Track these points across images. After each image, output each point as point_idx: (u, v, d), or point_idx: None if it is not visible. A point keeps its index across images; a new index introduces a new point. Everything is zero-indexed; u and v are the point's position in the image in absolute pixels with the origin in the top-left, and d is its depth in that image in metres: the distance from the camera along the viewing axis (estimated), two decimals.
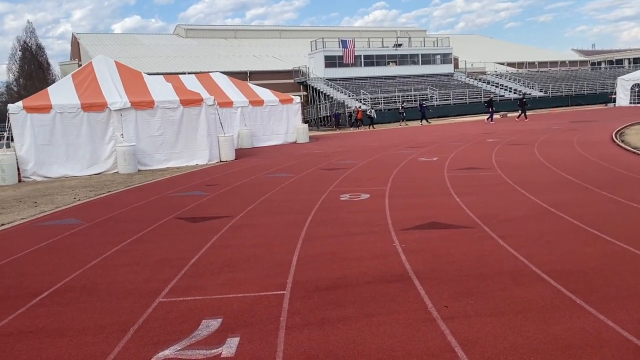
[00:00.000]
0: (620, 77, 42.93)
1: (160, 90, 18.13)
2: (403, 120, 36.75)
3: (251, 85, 26.99)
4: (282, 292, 4.79)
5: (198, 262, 6.00)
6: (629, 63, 76.80)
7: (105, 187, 13.19)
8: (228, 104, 24.10)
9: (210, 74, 27.45)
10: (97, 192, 12.32)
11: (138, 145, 16.87)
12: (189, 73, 30.21)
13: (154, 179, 14.36)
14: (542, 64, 72.46)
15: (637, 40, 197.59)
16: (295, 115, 25.97)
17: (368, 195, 9.69)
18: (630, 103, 39.51)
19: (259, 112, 24.91)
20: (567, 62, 77.09)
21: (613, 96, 43.76)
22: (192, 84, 24.97)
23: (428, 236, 6.57)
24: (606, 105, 42.87)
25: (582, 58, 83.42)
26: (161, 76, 25.75)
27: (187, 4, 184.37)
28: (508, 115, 38.67)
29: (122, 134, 16.80)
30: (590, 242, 5.90)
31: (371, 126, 36.61)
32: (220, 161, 18.13)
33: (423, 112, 36.11)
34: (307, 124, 28.00)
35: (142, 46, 61.91)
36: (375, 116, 37.26)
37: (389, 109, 42.41)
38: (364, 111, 38.61)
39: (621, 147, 15.26)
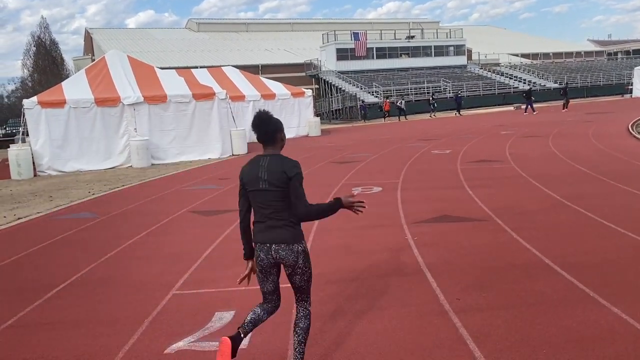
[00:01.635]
0: (637, 68, 42.21)
1: (172, 84, 18.23)
2: (433, 112, 36.13)
3: (263, 78, 27.01)
4: None
5: (211, 255, 6.05)
6: None
7: (120, 181, 13.33)
8: (240, 97, 24.14)
9: (222, 67, 27.51)
10: (111, 186, 12.45)
11: (151, 139, 17.00)
12: (201, 67, 30.32)
13: (167, 172, 14.47)
14: (557, 55, 71.46)
15: None
16: (307, 108, 25.96)
17: (380, 189, 9.68)
18: None
19: (271, 106, 24.83)
20: (583, 52, 75.86)
21: (630, 87, 43.06)
22: (204, 78, 25.04)
23: (440, 229, 6.55)
24: (622, 96, 42.21)
25: (598, 48, 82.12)
26: (173, 70, 25.89)
27: None
28: (522, 107, 38.24)
29: (135, 129, 16.94)
30: (605, 235, 5.84)
31: (401, 117, 36.04)
32: (233, 155, 18.22)
33: (459, 103, 35.69)
34: (319, 117, 27.94)
35: (154, 40, 62.20)
36: (405, 107, 36.56)
37: (406, 102, 42.17)
38: (393, 102, 38.21)
39: (637, 138, 15.03)
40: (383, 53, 51.75)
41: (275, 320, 4.04)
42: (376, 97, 42.90)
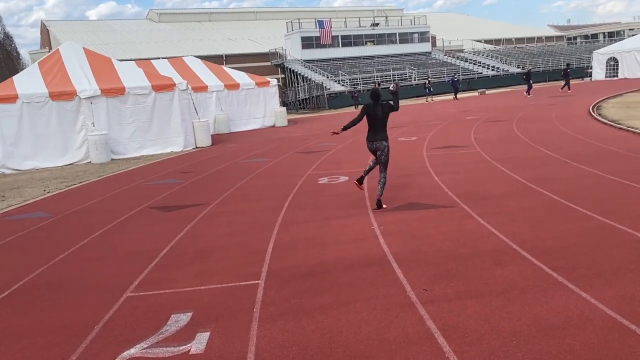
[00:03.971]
0: (595, 52, 43.18)
1: (131, 76, 17.60)
2: (429, 96, 35.81)
3: (226, 68, 26.45)
4: (256, 281, 4.60)
5: (169, 253, 5.76)
6: (604, 37, 77.41)
7: (77, 178, 12.79)
8: (203, 88, 23.58)
9: (183, 58, 26.83)
10: (68, 184, 11.92)
11: (110, 133, 16.40)
12: (162, 58, 29.46)
13: (127, 167, 13.97)
14: (519, 40, 72.59)
15: (612, 15, 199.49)
16: (272, 98, 25.55)
17: (346, 178, 9.50)
18: (606, 77, 39.83)
19: (235, 96, 24.45)
20: (544, 37, 77.37)
21: (589, 70, 44.05)
22: (165, 68, 24.35)
23: (407, 217, 6.41)
24: (583, 79, 43.16)
25: (558, 33, 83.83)
26: (133, 62, 25.10)
27: None
28: (487, 92, 38.73)
29: (93, 123, 16.31)
30: (571, 218, 5.81)
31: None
32: (196, 147, 17.76)
33: (456, 87, 35.18)
34: (285, 107, 27.57)
35: (114, 32, 60.39)
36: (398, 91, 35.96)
37: (367, 90, 42.13)
38: (385, 88, 37.84)
39: (599, 120, 15.29)
40: (348, 41, 51.53)
41: (236, 321, 3.82)
42: (342, 85, 42.72)
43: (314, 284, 4.44)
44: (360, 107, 36.64)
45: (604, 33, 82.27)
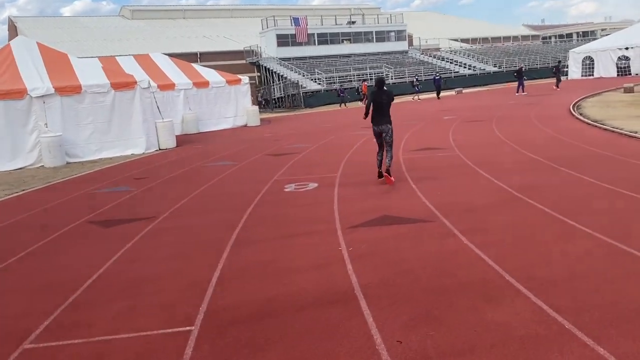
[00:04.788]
0: (571, 50, 43.14)
1: (88, 73, 16.40)
2: (417, 94, 34.75)
3: (195, 66, 25.32)
4: (188, 328, 3.66)
5: (94, 284, 4.77)
6: (578, 37, 78.19)
7: (23, 184, 11.62)
8: (169, 86, 22.43)
9: (150, 54, 25.59)
10: (10, 191, 10.76)
11: (65, 135, 15.19)
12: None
13: (81, 172, 12.82)
14: (495, 39, 72.75)
15: (585, 15, 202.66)
16: (244, 96, 24.52)
17: (316, 185, 8.61)
18: (582, 76, 39.73)
19: (205, 95, 23.34)
20: (520, 37, 77.75)
21: (565, 69, 43.99)
22: (130, 66, 23.10)
23: (380, 234, 5.54)
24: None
25: (533, 33, 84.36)
26: (95, 58, 23.83)
27: None
28: (464, 91, 38.28)
29: (46, 124, 15.07)
30: (568, 237, 5.00)
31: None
32: (159, 149, 16.66)
33: (438, 86, 33.85)
34: (257, 106, 26.53)
35: (85, 29, 58.47)
36: (418, 87, 34.02)
37: (344, 88, 41.35)
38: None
39: (581, 120, 14.69)
40: (324, 39, 50.65)
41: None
42: (319, 84, 41.82)
43: (260, 332, 3.53)
44: (344, 104, 36.10)
45: (577, 33, 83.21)
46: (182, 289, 4.44)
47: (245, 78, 24.81)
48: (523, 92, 27.91)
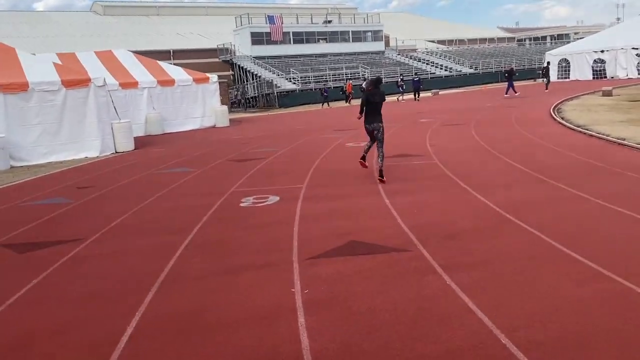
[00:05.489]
0: (547, 53, 42.98)
1: (37, 70, 15.01)
2: (401, 95, 33.60)
3: (161, 63, 23.96)
4: None
5: None
6: (552, 39, 78.88)
7: None
8: (132, 84, 21.10)
9: (113, 50, 24.16)
10: None
11: (9, 136, 13.80)
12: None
13: (21, 179, 11.52)
14: (472, 41, 72.67)
15: (559, 18, 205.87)
16: (212, 96, 23.29)
17: (277, 198, 7.57)
18: (558, 78, 39.52)
19: (170, 94, 22.05)
20: (496, 39, 77.95)
21: (541, 71, 43.82)
22: (90, 62, 21.73)
23: (344, 270, 4.54)
24: (535, 80, 42.88)
25: (508, 35, 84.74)
26: (53, 54, 22.33)
27: None
28: (440, 93, 37.69)
29: None
30: (576, 276, 4.08)
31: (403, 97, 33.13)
32: (116, 152, 15.40)
33: (417, 87, 32.22)
34: (228, 106, 25.29)
35: (55, 25, 56.19)
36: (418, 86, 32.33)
37: (320, 88, 40.40)
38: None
39: (564, 125, 13.98)
40: (300, 38, 49.61)
41: None
42: (294, 83, 40.76)
43: None
44: (327, 104, 34.90)
45: (551, 36, 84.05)
46: (76, 354, 3.36)
47: (213, 76, 23.60)
48: (515, 92, 26.92)
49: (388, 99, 10.86)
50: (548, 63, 34.09)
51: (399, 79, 34.49)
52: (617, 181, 7.24)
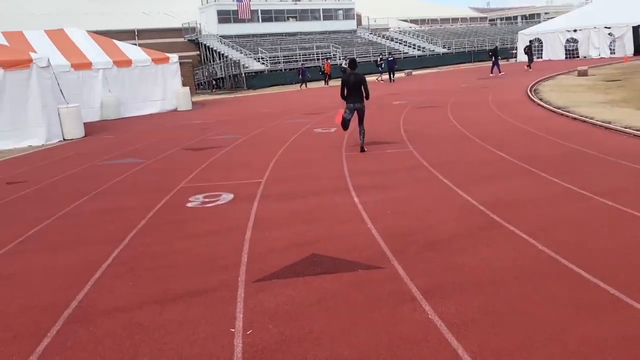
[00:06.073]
0: (520, 32, 42.39)
1: None
2: (380, 75, 32.07)
3: (118, 42, 22.35)
4: None
5: None
6: (523, 19, 78.88)
7: None
8: (85, 65, 19.57)
9: (65, 29, 22.44)
10: None
11: None
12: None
13: None
14: (444, 20, 71.97)
15: None
16: (173, 77, 21.88)
17: (230, 197, 6.58)
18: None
19: (127, 75, 20.57)
20: (468, 18, 77.43)
21: (514, 51, 43.38)
22: (39, 42, 20.11)
23: (300, 297, 3.61)
24: (508, 60, 42.37)
25: (480, 15, 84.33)
26: None
27: None
28: (413, 73, 36.85)
29: None
30: (587, 306, 3.23)
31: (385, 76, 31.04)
32: (64, 140, 14.06)
33: (391, 67, 29.94)
34: (188, 88, 23.80)
35: (8, 3, 53.05)
36: (388, 65, 30.24)
37: (290, 69, 39.15)
38: (337, 65, 34.07)
39: (543, 107, 13.26)
40: (269, 16, 47.93)
41: None
42: (262, 63, 39.32)
43: None
44: (305, 85, 33.47)
45: (522, 15, 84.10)
46: None
47: (174, 56, 22.17)
48: (500, 72, 26.20)
49: (368, 78, 10.16)
50: (530, 42, 33.69)
51: (379, 58, 33.13)
52: (613, 172, 6.48)
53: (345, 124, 8.98)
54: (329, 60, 35.85)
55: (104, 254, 4.73)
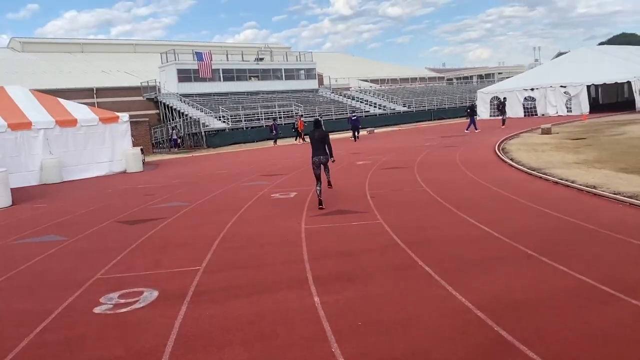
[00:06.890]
0: (480, 91, 43.09)
1: None
2: (355, 133, 30.16)
3: (63, 101, 20.85)
4: None
5: None
6: (477, 79, 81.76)
7: None
8: (25, 125, 17.96)
9: (5, 87, 20.86)
10: None
11: None
12: None
13: None
14: (403, 80, 73.57)
15: (481, 60, 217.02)
16: (123, 137, 20.40)
17: (155, 295, 5.11)
18: (491, 116, 39.44)
19: (71, 135, 19.01)
20: (427, 78, 79.53)
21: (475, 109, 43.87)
22: None
23: None
24: (467, 118, 42.73)
25: (437, 75, 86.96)
26: None
27: (46, 20, 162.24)
28: (375, 131, 36.49)
29: None
30: None
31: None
32: None
33: (355, 126, 28.65)
34: (140, 148, 22.32)
35: None
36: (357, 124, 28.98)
37: (252, 127, 38.29)
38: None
39: (516, 168, 12.42)
40: (230, 75, 47.50)
41: None
42: (223, 122, 38.32)
43: None
44: (277, 141, 32.26)
45: (476, 75, 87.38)
46: None
47: (124, 115, 20.79)
48: (476, 129, 26.28)
49: (342, 136, 9.80)
50: (504, 99, 34.20)
51: (351, 116, 32.13)
52: (631, 256, 5.37)
53: (317, 178, 9.33)
54: (302, 117, 35.10)
55: None
